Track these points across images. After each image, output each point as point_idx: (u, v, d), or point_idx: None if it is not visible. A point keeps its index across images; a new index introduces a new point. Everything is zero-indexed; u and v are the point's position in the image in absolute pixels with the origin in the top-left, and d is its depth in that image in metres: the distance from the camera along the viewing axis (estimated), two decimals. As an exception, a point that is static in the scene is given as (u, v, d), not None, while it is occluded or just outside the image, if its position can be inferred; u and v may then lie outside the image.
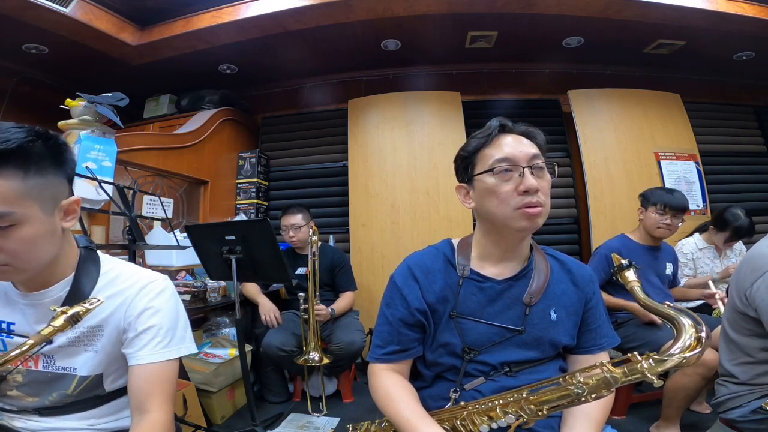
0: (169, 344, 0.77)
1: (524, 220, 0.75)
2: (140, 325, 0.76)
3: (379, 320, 0.87)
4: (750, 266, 1.02)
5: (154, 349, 0.76)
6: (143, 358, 0.75)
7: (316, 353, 1.93)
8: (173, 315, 0.80)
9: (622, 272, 0.86)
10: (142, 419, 0.72)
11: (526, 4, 2.49)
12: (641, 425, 1.79)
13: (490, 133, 0.80)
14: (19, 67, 2.99)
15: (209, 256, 1.76)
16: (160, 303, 0.78)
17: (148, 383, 0.74)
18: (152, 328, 0.76)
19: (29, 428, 0.78)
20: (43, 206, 0.63)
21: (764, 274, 0.96)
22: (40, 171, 0.62)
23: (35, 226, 0.62)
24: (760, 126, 3.36)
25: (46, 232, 0.65)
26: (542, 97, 3.35)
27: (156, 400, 0.73)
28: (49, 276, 0.73)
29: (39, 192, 0.62)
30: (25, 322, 0.75)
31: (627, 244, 1.88)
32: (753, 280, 0.98)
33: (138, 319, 0.76)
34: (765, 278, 0.96)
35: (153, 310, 0.77)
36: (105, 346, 0.77)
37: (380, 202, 2.97)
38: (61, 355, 0.76)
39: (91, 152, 1.75)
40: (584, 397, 0.62)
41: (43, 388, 0.77)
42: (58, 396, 0.77)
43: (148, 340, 0.76)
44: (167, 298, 0.80)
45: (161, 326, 0.77)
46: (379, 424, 0.91)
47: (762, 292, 0.96)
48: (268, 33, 2.72)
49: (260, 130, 3.57)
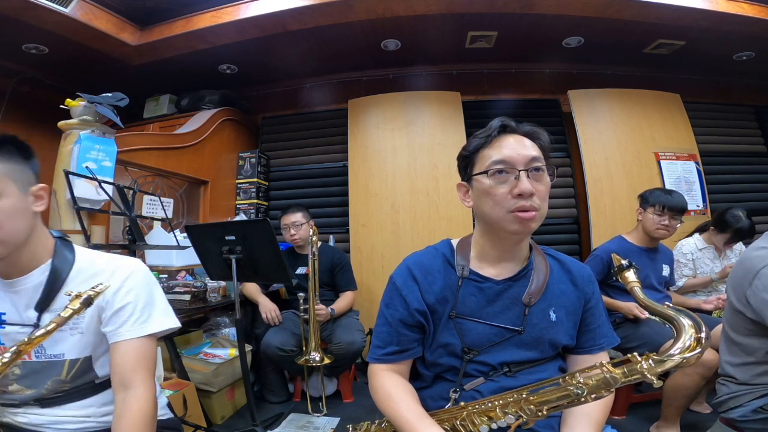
0: (148, 320, 0.81)
1: (517, 223, 0.75)
2: (117, 303, 0.80)
3: (378, 321, 0.87)
4: (744, 267, 1.02)
5: (134, 325, 0.80)
6: (123, 335, 0.79)
7: (317, 353, 1.92)
8: (148, 291, 0.84)
9: (622, 273, 0.86)
10: (127, 395, 0.75)
11: (526, 4, 2.49)
12: (641, 425, 1.79)
13: (490, 134, 0.80)
14: (19, 67, 2.99)
15: (209, 256, 1.76)
16: (134, 281, 0.83)
17: (130, 359, 0.78)
18: (129, 305, 0.80)
19: (32, 423, 0.81)
20: (18, 186, 0.75)
21: (758, 273, 0.97)
22: (14, 160, 0.75)
23: (12, 200, 0.73)
24: (760, 126, 3.36)
25: (21, 209, 0.75)
26: (542, 97, 3.35)
27: (139, 376, 0.77)
28: (28, 262, 0.79)
29: (16, 174, 0.74)
30: (14, 310, 0.79)
31: (624, 247, 1.88)
32: (750, 280, 0.99)
33: (115, 297, 0.80)
34: (760, 277, 0.96)
35: (127, 288, 0.81)
36: (89, 326, 0.81)
37: (380, 202, 2.97)
38: (50, 342, 0.79)
39: (91, 152, 1.75)
40: (584, 397, 0.62)
41: (38, 378, 0.81)
42: (53, 383, 0.81)
43: (126, 317, 0.80)
44: (141, 277, 0.85)
45: (137, 303, 0.81)
46: (379, 425, 0.91)
47: (759, 291, 0.96)
48: (268, 33, 2.72)
49: (260, 130, 3.57)
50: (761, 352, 1.00)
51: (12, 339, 0.78)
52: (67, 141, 1.73)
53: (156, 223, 2.10)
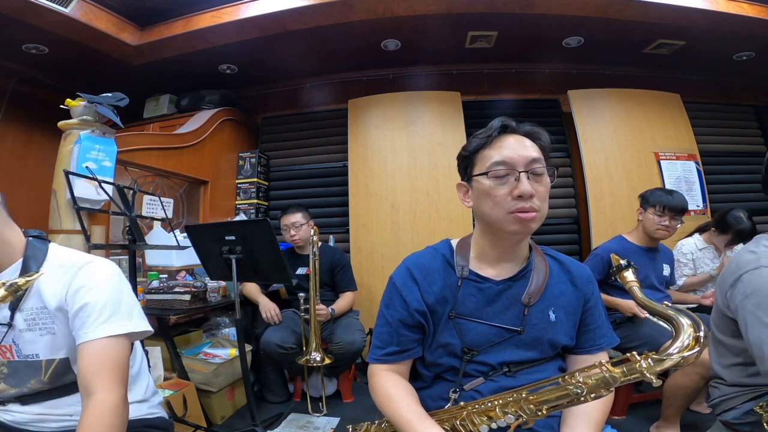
0: (108, 320, 0.77)
1: (517, 224, 0.75)
2: (76, 303, 0.77)
3: (378, 321, 0.88)
4: (731, 269, 0.96)
5: (92, 326, 0.76)
6: (82, 337, 0.76)
7: (317, 353, 1.92)
8: (110, 292, 0.80)
9: (621, 272, 0.86)
10: (88, 402, 0.71)
11: (526, 4, 2.49)
12: (641, 425, 1.79)
13: (491, 134, 0.79)
14: (19, 67, 2.99)
15: (209, 256, 1.76)
16: (95, 281, 0.80)
17: (91, 362, 0.73)
18: (87, 306, 0.77)
19: (16, 421, 0.82)
20: None
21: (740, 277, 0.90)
22: None
23: None
24: (760, 126, 3.36)
25: None
26: (542, 97, 3.35)
27: (100, 380, 0.72)
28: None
29: None
30: None
31: (624, 246, 1.89)
32: (731, 283, 0.92)
33: (74, 298, 0.78)
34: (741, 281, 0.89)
35: (87, 288, 0.79)
36: (62, 329, 0.80)
37: (380, 202, 2.97)
38: (23, 342, 0.80)
39: (91, 152, 1.75)
40: (583, 396, 0.62)
41: (21, 377, 0.81)
42: (36, 383, 0.81)
43: (85, 318, 0.77)
44: (104, 277, 0.81)
45: (96, 303, 0.77)
46: (379, 425, 0.91)
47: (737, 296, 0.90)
48: (268, 33, 2.72)
49: (260, 130, 3.57)
50: (748, 353, 0.96)
51: None
52: (67, 141, 1.73)
53: (156, 223, 2.11)
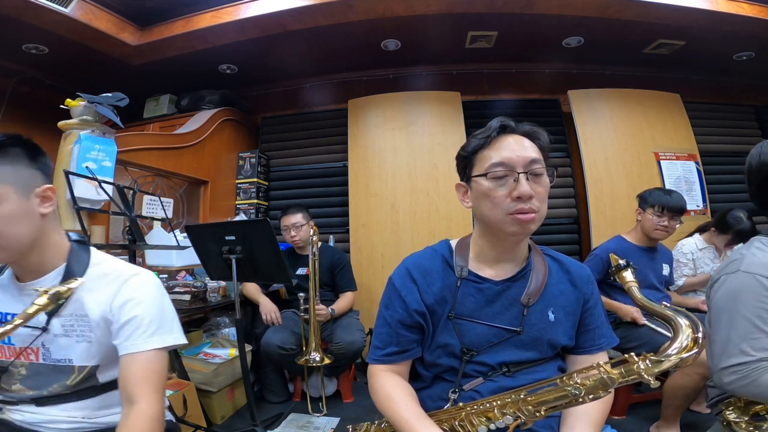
0: (154, 334, 0.79)
1: (516, 225, 0.75)
2: (124, 316, 0.78)
3: (378, 321, 0.88)
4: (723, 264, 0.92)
5: (139, 339, 0.78)
6: (128, 348, 0.77)
7: (317, 353, 1.92)
8: (157, 306, 0.82)
9: (620, 272, 0.86)
10: (130, 410, 0.74)
11: (526, 4, 2.49)
12: (641, 425, 1.79)
13: (489, 134, 0.79)
14: (19, 67, 2.99)
15: (209, 256, 1.76)
16: (143, 294, 0.81)
17: (135, 374, 0.76)
18: (136, 318, 0.79)
19: (27, 421, 0.81)
20: (18, 189, 0.73)
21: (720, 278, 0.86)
22: (15, 162, 0.73)
23: (10, 206, 0.71)
24: (760, 126, 3.36)
25: (22, 213, 0.73)
26: (542, 97, 3.35)
27: (143, 391, 0.75)
28: (41, 265, 0.79)
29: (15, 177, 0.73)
30: None
31: (623, 246, 1.89)
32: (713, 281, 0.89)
33: (122, 310, 0.79)
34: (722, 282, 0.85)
35: (136, 301, 0.80)
36: (99, 338, 0.80)
37: (380, 202, 2.97)
38: (56, 347, 0.79)
39: (91, 152, 1.75)
40: (581, 397, 0.62)
41: (43, 380, 0.80)
42: (58, 387, 0.81)
43: (132, 331, 0.78)
44: (150, 290, 0.83)
45: (144, 316, 0.79)
46: (379, 425, 0.91)
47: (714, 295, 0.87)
48: (268, 33, 2.72)
49: (260, 130, 3.57)
50: None
51: (22, 341, 0.78)
52: (67, 141, 1.74)
53: (156, 223, 2.11)
